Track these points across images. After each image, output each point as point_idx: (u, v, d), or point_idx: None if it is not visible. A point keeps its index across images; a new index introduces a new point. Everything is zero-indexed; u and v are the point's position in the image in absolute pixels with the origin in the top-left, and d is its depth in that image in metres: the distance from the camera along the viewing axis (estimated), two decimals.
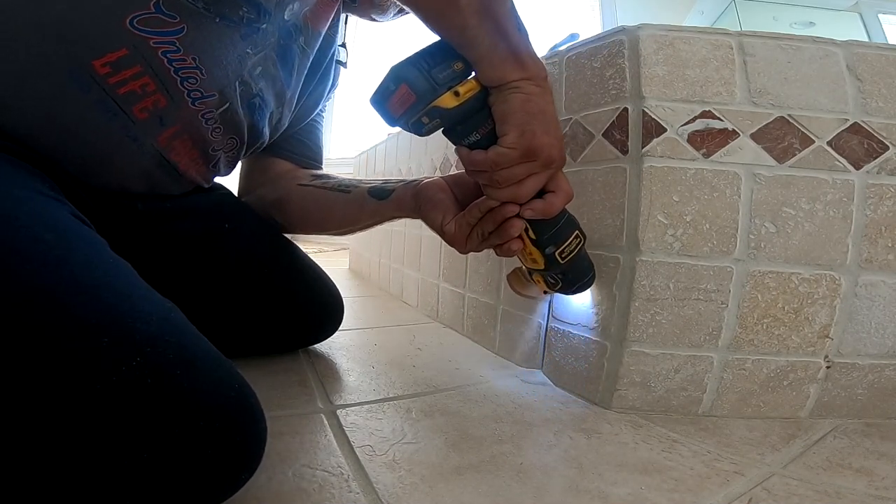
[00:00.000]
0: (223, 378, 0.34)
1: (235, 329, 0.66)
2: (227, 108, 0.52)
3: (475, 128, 0.42)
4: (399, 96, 0.40)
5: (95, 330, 0.29)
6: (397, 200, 0.59)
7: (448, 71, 0.40)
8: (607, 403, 0.55)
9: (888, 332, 0.53)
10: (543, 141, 0.41)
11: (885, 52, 0.53)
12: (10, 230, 0.32)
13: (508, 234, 0.47)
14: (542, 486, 0.40)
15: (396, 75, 0.40)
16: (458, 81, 0.41)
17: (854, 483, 0.41)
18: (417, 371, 0.67)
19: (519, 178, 0.43)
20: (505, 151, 0.41)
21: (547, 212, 0.45)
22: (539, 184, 0.44)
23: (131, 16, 0.41)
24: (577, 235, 0.49)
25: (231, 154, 0.60)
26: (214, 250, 0.65)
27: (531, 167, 0.42)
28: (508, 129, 0.41)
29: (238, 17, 0.46)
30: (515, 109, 0.40)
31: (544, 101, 0.42)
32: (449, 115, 0.41)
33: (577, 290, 0.54)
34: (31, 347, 0.28)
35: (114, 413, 0.28)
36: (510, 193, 0.44)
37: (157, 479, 0.28)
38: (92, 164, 0.47)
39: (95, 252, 0.35)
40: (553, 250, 0.48)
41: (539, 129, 0.41)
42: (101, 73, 0.42)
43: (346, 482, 0.39)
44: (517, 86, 0.40)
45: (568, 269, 0.50)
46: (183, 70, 0.46)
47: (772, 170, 0.52)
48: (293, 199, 0.69)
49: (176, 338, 0.33)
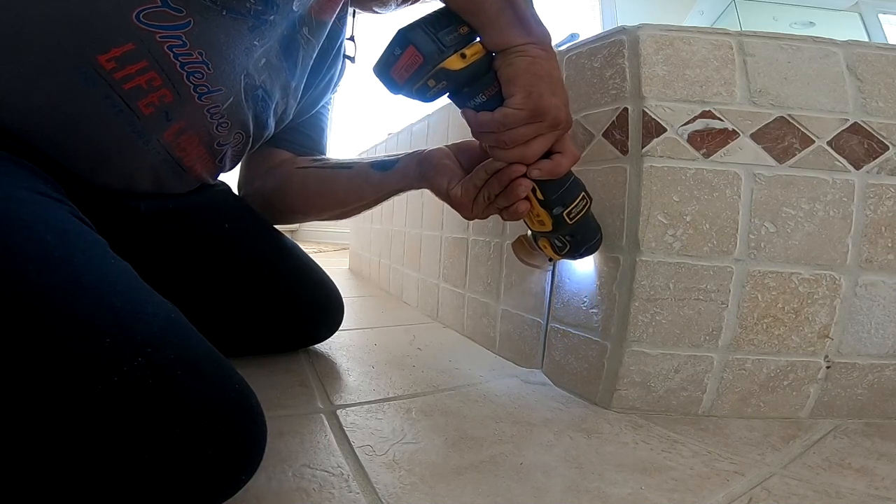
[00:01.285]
0: (223, 379, 0.34)
1: (236, 329, 0.66)
2: (233, 102, 0.52)
3: (481, 90, 0.43)
4: (405, 60, 0.40)
5: (97, 330, 0.29)
6: (402, 170, 0.59)
7: (454, 34, 0.41)
8: (607, 403, 0.55)
9: (888, 332, 0.53)
10: (550, 102, 0.41)
11: (885, 52, 0.53)
12: (11, 231, 0.32)
13: (516, 194, 0.46)
14: (542, 486, 0.40)
15: (404, 37, 0.40)
16: (464, 44, 0.41)
17: (854, 483, 0.41)
18: (417, 371, 0.67)
19: (526, 138, 0.43)
20: (512, 112, 0.41)
21: (555, 171, 0.45)
22: (546, 144, 0.44)
23: (138, 9, 0.41)
24: (584, 197, 0.49)
25: (237, 148, 0.60)
26: (215, 251, 0.65)
27: (539, 128, 0.42)
28: (515, 90, 0.41)
29: (245, 9, 0.46)
30: (522, 71, 0.41)
31: (550, 64, 0.42)
32: (456, 76, 0.41)
33: (584, 254, 0.53)
34: (32, 348, 0.28)
35: (115, 413, 0.28)
36: (518, 154, 0.44)
37: (157, 480, 0.29)
38: (97, 162, 0.47)
39: (97, 253, 0.35)
40: (561, 210, 0.48)
41: (546, 90, 0.41)
42: (106, 69, 0.42)
43: (346, 482, 0.39)
44: (523, 49, 0.41)
45: (576, 230, 0.50)
46: (189, 65, 0.46)
47: (772, 170, 0.52)
48: (293, 183, 0.68)
49: (177, 338, 0.33)
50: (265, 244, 0.71)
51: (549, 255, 0.54)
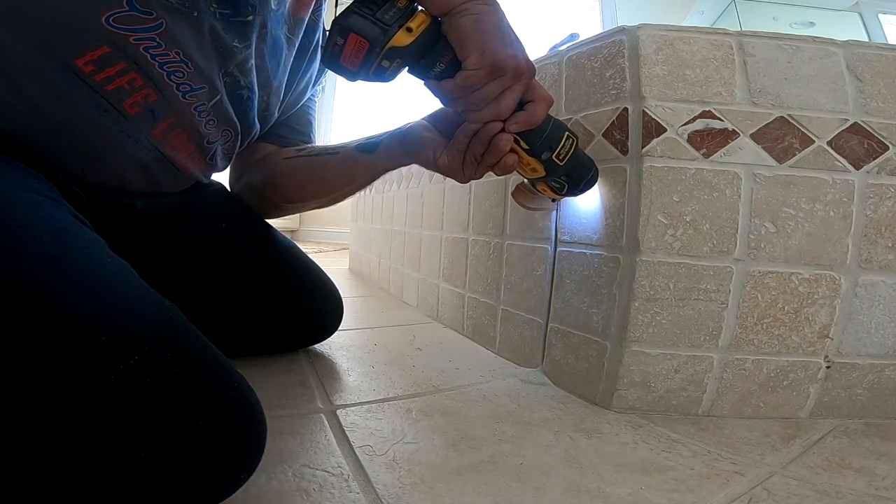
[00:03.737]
0: (223, 377, 0.34)
1: (235, 329, 0.66)
2: (219, 99, 0.52)
3: (437, 59, 0.42)
4: (351, 48, 0.40)
5: (93, 328, 0.29)
6: (386, 150, 0.59)
7: (393, 10, 0.40)
8: (607, 403, 0.55)
9: (888, 332, 0.53)
10: (506, 54, 0.40)
11: (885, 52, 0.53)
12: (7, 230, 0.32)
13: (500, 149, 0.46)
14: (542, 486, 0.40)
15: (342, 27, 0.39)
16: (407, 17, 0.40)
17: (854, 483, 0.41)
18: (417, 371, 0.67)
19: (494, 95, 0.42)
20: (471, 73, 0.41)
21: (531, 121, 0.45)
22: (516, 96, 0.44)
23: (106, 14, 0.41)
24: (569, 135, 0.49)
25: (227, 146, 0.60)
26: (213, 250, 0.65)
27: (503, 82, 0.42)
28: (468, 51, 0.40)
29: (210, 11, 0.46)
30: (469, 31, 0.40)
31: (496, 16, 0.41)
32: (408, 52, 0.41)
33: (584, 189, 0.53)
34: (28, 346, 0.28)
35: (112, 411, 0.28)
36: (490, 112, 0.44)
37: (155, 478, 0.28)
38: (89, 161, 0.47)
39: (93, 251, 0.35)
40: (549, 154, 0.48)
41: (498, 44, 0.40)
42: (85, 72, 0.42)
43: (346, 482, 0.39)
44: (464, 8, 0.40)
45: (570, 169, 0.50)
46: (168, 65, 0.46)
47: (772, 170, 0.52)
48: (282, 173, 0.68)
49: (175, 337, 0.33)
50: (264, 244, 0.71)
51: (551, 197, 0.55)
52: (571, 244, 0.61)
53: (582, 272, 0.59)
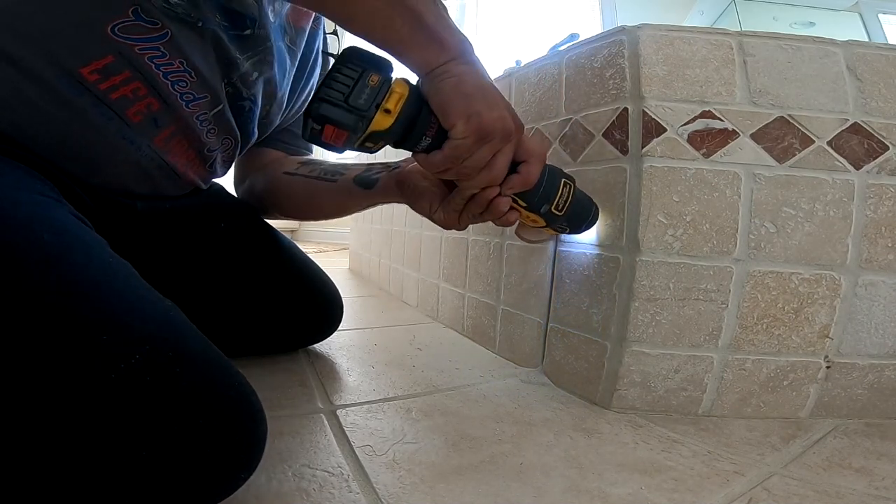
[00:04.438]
0: (223, 376, 0.34)
1: (235, 329, 0.66)
2: (221, 109, 0.52)
3: (422, 132, 0.40)
4: (330, 134, 0.38)
5: (94, 327, 0.29)
6: (383, 189, 0.59)
7: (366, 91, 0.37)
8: (607, 403, 0.55)
9: (888, 332, 0.53)
10: (492, 117, 0.39)
11: (885, 52, 0.53)
12: (8, 230, 0.32)
13: (499, 212, 0.46)
14: (542, 486, 0.40)
15: (317, 116, 0.37)
16: (382, 97, 0.38)
17: (854, 483, 0.41)
18: (417, 371, 0.67)
19: (485, 161, 0.41)
20: (459, 143, 0.39)
21: (526, 182, 0.45)
22: (507, 159, 0.43)
23: (111, 24, 0.41)
24: (565, 183, 0.48)
25: (227, 154, 0.60)
26: (213, 250, 0.65)
27: (492, 147, 0.41)
28: (453, 119, 0.39)
29: (216, 22, 0.46)
30: (451, 97, 0.38)
31: (477, 76, 0.40)
32: (389, 133, 0.39)
33: (585, 228, 0.53)
34: (29, 345, 0.28)
35: (112, 410, 0.28)
36: (484, 179, 0.43)
37: (155, 477, 0.28)
38: (91, 166, 0.47)
39: (94, 251, 0.35)
40: (548, 208, 0.48)
41: (482, 107, 0.39)
42: (90, 80, 0.42)
43: (346, 482, 0.39)
44: (444, 70, 0.39)
45: (570, 215, 0.50)
46: (172, 74, 0.46)
47: (772, 170, 0.52)
48: (281, 189, 0.68)
49: (175, 336, 0.33)
50: (263, 244, 0.71)
51: (553, 234, 0.55)
52: (571, 244, 0.61)
53: (582, 272, 0.59)
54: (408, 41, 0.38)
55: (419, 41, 0.38)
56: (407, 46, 0.39)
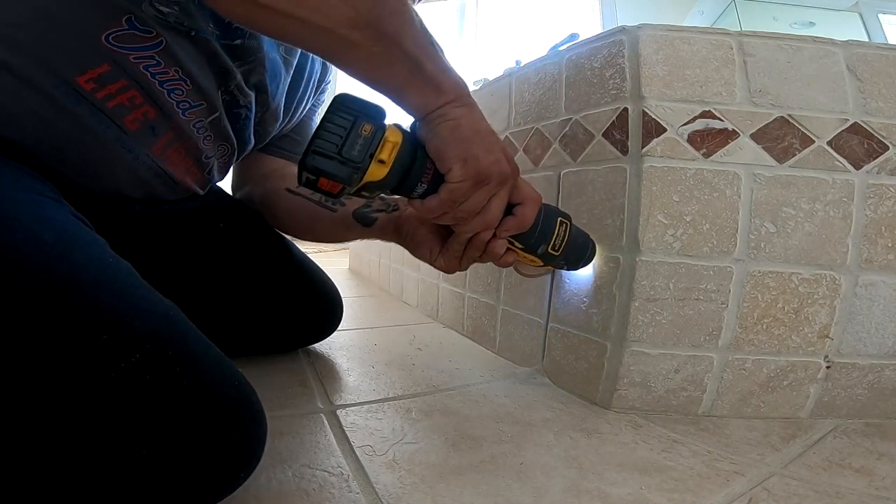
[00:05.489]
0: (223, 376, 0.34)
1: (235, 329, 0.66)
2: (218, 117, 0.52)
3: (417, 179, 0.40)
4: (325, 184, 0.37)
5: (94, 327, 0.29)
6: (381, 229, 0.60)
7: (359, 142, 0.36)
8: (607, 403, 0.55)
9: (888, 332, 0.53)
10: (489, 161, 0.39)
11: (885, 52, 0.53)
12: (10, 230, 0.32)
13: (496, 254, 0.47)
14: (542, 486, 0.40)
15: (311, 168, 0.36)
16: (376, 146, 0.37)
17: (854, 483, 0.41)
18: (417, 371, 0.67)
19: (481, 205, 0.41)
20: (455, 187, 0.39)
21: (521, 225, 0.45)
22: (503, 203, 0.43)
23: (106, 33, 0.41)
24: (561, 222, 0.49)
25: (223, 160, 0.60)
26: (212, 250, 0.65)
27: (488, 191, 0.41)
28: (450, 163, 0.39)
29: (209, 31, 0.46)
30: (448, 141, 0.38)
31: (474, 120, 0.40)
32: (385, 183, 0.39)
33: (582, 265, 0.54)
34: (30, 344, 0.28)
35: (112, 409, 0.28)
36: (479, 223, 0.43)
37: (155, 476, 0.29)
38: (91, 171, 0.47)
39: (95, 252, 0.35)
40: (545, 248, 0.48)
41: (480, 151, 0.39)
42: (87, 89, 0.42)
43: (346, 482, 0.39)
44: (441, 113, 0.39)
45: (567, 254, 0.50)
46: (168, 83, 0.46)
47: (772, 170, 0.52)
48: (280, 205, 0.68)
49: (175, 336, 0.33)
50: (263, 244, 0.71)
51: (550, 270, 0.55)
52: None
53: (582, 272, 0.59)
54: (405, 85, 0.38)
55: (417, 85, 0.38)
56: (404, 90, 0.38)
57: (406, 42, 0.37)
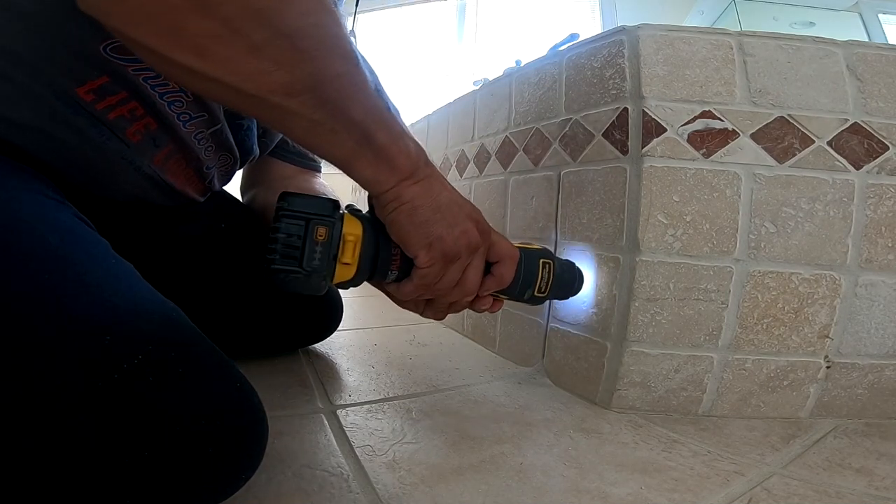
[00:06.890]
0: (225, 377, 0.34)
1: (236, 329, 0.66)
2: (220, 128, 0.52)
3: (387, 267, 0.40)
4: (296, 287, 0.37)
5: (97, 328, 0.29)
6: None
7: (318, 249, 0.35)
8: (607, 403, 0.55)
9: (888, 332, 0.53)
10: (454, 237, 0.38)
11: (885, 52, 0.53)
12: (14, 231, 0.32)
13: (482, 309, 0.47)
14: (542, 486, 0.40)
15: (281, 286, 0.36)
16: (336, 248, 0.36)
17: (854, 483, 0.41)
18: (417, 371, 0.67)
19: (457, 279, 0.41)
20: (426, 272, 0.39)
21: (502, 283, 0.45)
22: (479, 269, 0.42)
23: (103, 44, 0.40)
24: (544, 263, 0.48)
25: (225, 169, 0.60)
26: (213, 250, 0.65)
27: (461, 264, 0.40)
28: (415, 250, 0.38)
29: None
30: (408, 228, 0.37)
31: (431, 197, 0.38)
32: (355, 280, 0.39)
33: (572, 295, 0.54)
34: (34, 345, 0.28)
35: (115, 410, 0.28)
36: (458, 294, 0.43)
37: (157, 477, 0.29)
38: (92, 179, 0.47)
39: (98, 253, 0.35)
40: (531, 293, 0.48)
41: (443, 230, 0.38)
42: (86, 100, 0.42)
43: (346, 482, 0.39)
44: (396, 195, 0.36)
45: (555, 292, 0.51)
46: (168, 94, 0.45)
47: (772, 170, 0.52)
48: None
49: (178, 336, 0.33)
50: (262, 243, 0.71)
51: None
52: (571, 244, 0.61)
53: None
54: (353, 157, 0.35)
55: (367, 157, 0.35)
56: (353, 162, 0.35)
57: (353, 109, 0.33)
